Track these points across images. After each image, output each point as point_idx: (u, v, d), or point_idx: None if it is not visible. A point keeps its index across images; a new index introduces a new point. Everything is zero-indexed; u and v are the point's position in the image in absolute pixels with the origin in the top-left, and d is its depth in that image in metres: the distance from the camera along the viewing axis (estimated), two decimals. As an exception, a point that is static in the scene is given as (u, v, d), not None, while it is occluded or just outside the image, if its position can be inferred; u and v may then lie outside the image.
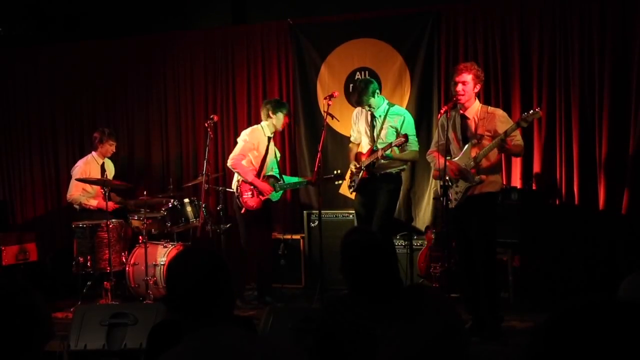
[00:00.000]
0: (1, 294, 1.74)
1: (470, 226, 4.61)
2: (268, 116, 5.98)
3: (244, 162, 5.95)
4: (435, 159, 4.73)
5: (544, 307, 5.22)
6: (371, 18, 6.74)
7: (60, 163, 7.69)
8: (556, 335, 1.01)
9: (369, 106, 5.41)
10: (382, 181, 5.45)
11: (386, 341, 2.22)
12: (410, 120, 5.49)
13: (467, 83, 4.59)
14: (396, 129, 5.40)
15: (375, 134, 5.46)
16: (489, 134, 4.56)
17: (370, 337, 2.28)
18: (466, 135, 4.68)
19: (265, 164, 6.03)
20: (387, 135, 5.41)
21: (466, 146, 4.63)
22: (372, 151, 5.42)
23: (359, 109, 5.62)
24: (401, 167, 5.56)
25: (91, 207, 6.53)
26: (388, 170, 5.45)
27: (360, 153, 5.58)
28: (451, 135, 4.75)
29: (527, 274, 5.81)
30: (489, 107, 4.77)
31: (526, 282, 5.77)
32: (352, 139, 5.79)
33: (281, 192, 6.14)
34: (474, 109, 4.67)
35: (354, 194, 5.68)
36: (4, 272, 6.61)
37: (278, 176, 6.13)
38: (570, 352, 0.98)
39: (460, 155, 4.66)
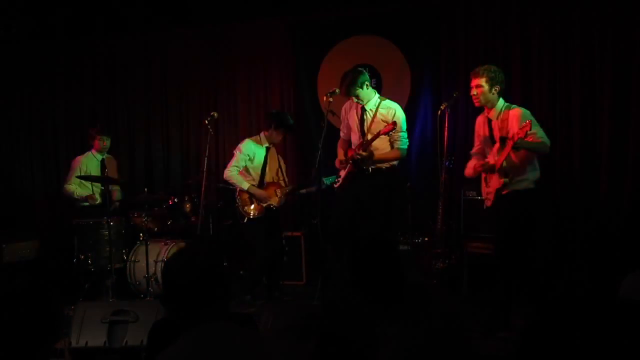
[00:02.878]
0: (28, 293, 1.76)
1: (500, 224, 4.69)
2: (270, 128, 5.96)
3: (237, 174, 5.95)
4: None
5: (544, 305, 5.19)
6: (372, 15, 6.72)
7: (61, 161, 7.69)
8: (539, 333, 1.01)
9: (357, 97, 5.35)
10: (371, 178, 5.32)
11: (388, 339, 2.22)
12: (401, 115, 5.37)
13: (481, 87, 4.62)
14: (387, 122, 5.32)
15: (365, 128, 5.38)
16: (509, 134, 4.58)
17: (372, 337, 2.28)
18: (493, 137, 4.73)
19: (266, 172, 6.02)
20: (377, 129, 5.34)
21: (493, 147, 4.71)
22: (362, 144, 5.33)
23: (348, 103, 5.55)
24: (392, 163, 5.45)
25: (81, 197, 6.50)
26: (378, 166, 5.35)
27: (350, 150, 5.52)
28: (485, 137, 4.83)
29: (528, 270, 5.80)
30: (511, 106, 4.73)
31: (527, 279, 5.76)
32: (341, 134, 5.71)
33: (283, 198, 6.03)
34: (497, 110, 4.69)
35: (335, 185, 5.60)
36: (6, 269, 6.62)
37: (283, 184, 6.11)
38: (552, 350, 0.99)
39: (491, 156, 4.76)
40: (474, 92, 4.66)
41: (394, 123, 5.15)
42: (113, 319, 4.17)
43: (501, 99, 4.71)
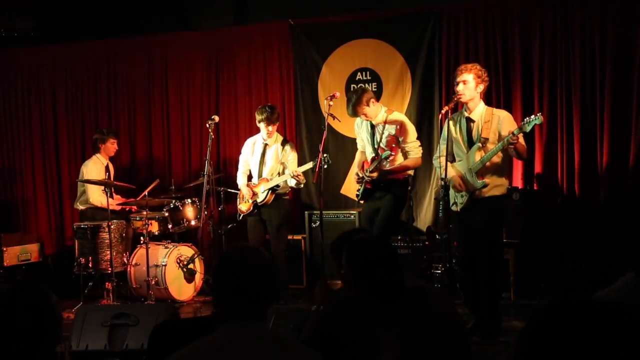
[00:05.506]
0: (22, 296, 1.78)
1: (476, 229, 4.61)
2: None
3: (240, 174, 6.17)
4: (441, 166, 4.72)
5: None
6: (372, 18, 6.74)
7: (62, 164, 7.70)
8: (536, 335, 1.02)
9: (365, 115, 5.38)
10: (387, 189, 5.41)
11: (388, 342, 2.22)
12: (408, 126, 5.42)
13: (468, 82, 4.59)
14: (396, 137, 5.37)
15: (375, 143, 5.42)
16: (494, 136, 4.55)
17: (372, 338, 2.28)
18: (471, 138, 4.68)
19: (263, 169, 6.03)
20: (387, 144, 5.37)
21: (472, 149, 4.63)
22: (373, 160, 5.37)
23: (359, 118, 5.60)
24: (407, 173, 5.51)
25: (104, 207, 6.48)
26: (395, 177, 5.39)
27: (365, 161, 5.55)
28: (457, 138, 4.75)
29: (529, 273, 5.81)
30: (494, 109, 4.75)
31: (528, 282, 5.77)
32: (359, 147, 5.75)
33: (265, 192, 5.93)
34: (479, 111, 4.66)
35: (362, 201, 5.64)
36: (6, 273, 6.63)
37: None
38: (549, 352, 1.00)
39: (465, 159, 4.67)
40: (460, 87, 4.61)
41: (391, 153, 5.25)
42: (114, 322, 4.16)
43: (482, 101, 4.72)
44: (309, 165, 5.74)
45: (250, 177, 6.20)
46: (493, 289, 4.63)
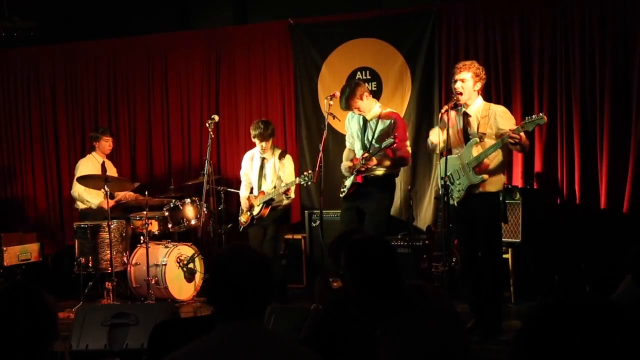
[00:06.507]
0: (15, 296, 1.78)
1: (474, 225, 4.62)
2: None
3: (243, 187, 6.21)
4: (440, 167, 4.65)
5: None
6: (372, 18, 6.74)
7: (62, 164, 7.70)
8: (532, 337, 1.02)
9: (358, 109, 5.34)
10: (372, 185, 5.31)
11: (388, 341, 2.22)
12: (401, 125, 5.34)
13: (466, 81, 4.60)
14: (388, 133, 5.32)
15: (366, 139, 5.35)
16: (491, 131, 4.56)
17: (372, 337, 2.28)
18: (468, 133, 4.68)
19: (262, 182, 6.04)
20: (379, 139, 5.27)
21: (467, 144, 4.64)
22: (365, 157, 5.30)
23: (351, 113, 5.54)
24: (394, 170, 5.45)
25: (92, 206, 6.54)
26: (376, 174, 5.31)
27: (355, 158, 5.51)
28: (454, 132, 4.75)
29: (529, 273, 5.81)
30: (491, 104, 4.76)
31: (527, 281, 5.77)
32: (347, 144, 5.68)
33: (260, 206, 5.96)
34: (476, 106, 4.66)
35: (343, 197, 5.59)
36: (6, 272, 6.63)
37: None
38: (545, 352, 1.00)
39: (462, 153, 4.67)
40: (458, 85, 4.61)
41: (395, 137, 5.09)
42: (114, 322, 4.16)
43: (480, 97, 4.71)
44: (295, 181, 5.78)
45: (252, 190, 6.19)
46: (495, 287, 4.64)
